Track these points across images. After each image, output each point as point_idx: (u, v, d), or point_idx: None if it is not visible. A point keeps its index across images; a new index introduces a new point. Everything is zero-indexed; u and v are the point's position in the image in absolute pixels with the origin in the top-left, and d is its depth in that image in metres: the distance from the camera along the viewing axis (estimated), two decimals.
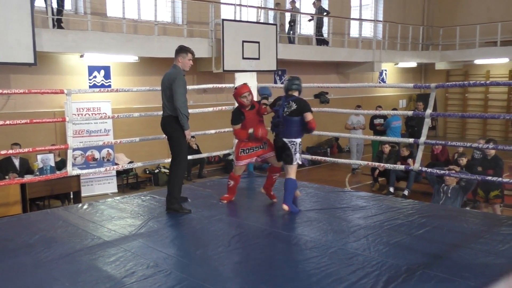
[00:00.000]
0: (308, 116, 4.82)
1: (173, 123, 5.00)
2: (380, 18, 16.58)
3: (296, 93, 4.97)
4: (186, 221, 4.71)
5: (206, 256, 3.79)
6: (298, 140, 4.92)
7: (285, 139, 4.91)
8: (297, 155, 4.90)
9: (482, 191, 7.22)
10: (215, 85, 7.47)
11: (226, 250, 3.92)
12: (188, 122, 4.99)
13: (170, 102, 4.96)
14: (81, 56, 9.65)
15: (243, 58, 11.06)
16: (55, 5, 8.99)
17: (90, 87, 10.03)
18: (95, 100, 9.70)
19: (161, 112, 6.87)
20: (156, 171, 10.83)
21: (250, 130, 5.16)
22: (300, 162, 4.98)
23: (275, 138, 5.08)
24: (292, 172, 4.93)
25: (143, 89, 7.11)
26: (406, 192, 9.24)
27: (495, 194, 7.06)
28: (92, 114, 9.49)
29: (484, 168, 7.23)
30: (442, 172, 5.90)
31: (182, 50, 5.00)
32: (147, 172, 10.92)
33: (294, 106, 4.83)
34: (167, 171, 10.90)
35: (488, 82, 6.06)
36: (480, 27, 15.47)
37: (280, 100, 5.00)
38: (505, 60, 15.87)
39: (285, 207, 4.82)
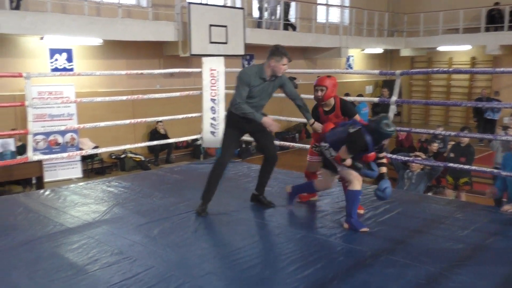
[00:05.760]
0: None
1: (227, 116, 4.59)
2: (347, 3, 16.66)
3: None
4: (152, 208, 4.65)
5: (172, 242, 3.75)
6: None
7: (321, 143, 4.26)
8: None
9: (451, 178, 7.32)
10: (182, 70, 7.35)
11: (192, 237, 3.89)
12: (256, 115, 4.28)
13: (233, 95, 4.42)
14: (41, 38, 9.31)
15: (211, 42, 10.91)
16: None
17: (52, 70, 9.71)
18: (58, 83, 9.41)
19: (124, 97, 6.77)
20: (123, 156, 10.65)
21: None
22: (345, 168, 4.07)
23: None
24: (349, 181, 4.09)
25: (106, 73, 6.97)
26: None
27: (464, 181, 7.19)
28: (54, 98, 9.20)
29: (457, 155, 7.30)
30: (407, 158, 6.02)
31: (277, 52, 4.36)
32: (113, 157, 10.72)
33: None
34: (134, 156, 10.75)
35: (451, 69, 6.19)
36: (443, 14, 15.78)
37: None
38: (467, 47, 16.27)
39: (345, 225, 4.07)
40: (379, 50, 17.41)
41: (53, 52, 9.83)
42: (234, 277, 3.18)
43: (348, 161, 3.99)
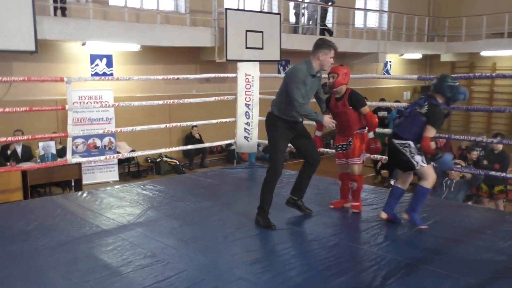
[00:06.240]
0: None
1: (271, 121, 4.29)
2: (385, 8, 16.40)
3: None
4: (185, 212, 4.69)
5: (204, 247, 3.76)
6: (411, 142, 4.06)
7: (396, 141, 4.14)
8: (417, 157, 4.04)
9: (486, 186, 7.11)
10: (217, 75, 7.39)
11: (224, 241, 3.89)
12: (318, 115, 4.29)
13: (277, 98, 4.26)
14: (83, 44, 9.59)
15: (247, 47, 10.97)
16: None
17: (92, 75, 9.98)
18: (97, 88, 9.65)
19: (161, 102, 6.85)
20: (158, 160, 10.81)
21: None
22: (424, 165, 4.04)
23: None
24: (424, 178, 4.09)
25: (144, 78, 7.10)
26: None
27: (499, 189, 6.98)
28: (94, 102, 9.44)
29: (490, 162, 7.10)
30: None
31: (324, 45, 4.13)
32: (149, 160, 10.90)
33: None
34: (169, 160, 10.90)
35: (494, 74, 5.97)
36: (486, 18, 15.27)
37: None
38: None
39: (405, 215, 4.17)
40: (418, 55, 17.02)
41: (93, 57, 10.11)
42: (265, 283, 3.15)
43: (433, 144, 3.98)
